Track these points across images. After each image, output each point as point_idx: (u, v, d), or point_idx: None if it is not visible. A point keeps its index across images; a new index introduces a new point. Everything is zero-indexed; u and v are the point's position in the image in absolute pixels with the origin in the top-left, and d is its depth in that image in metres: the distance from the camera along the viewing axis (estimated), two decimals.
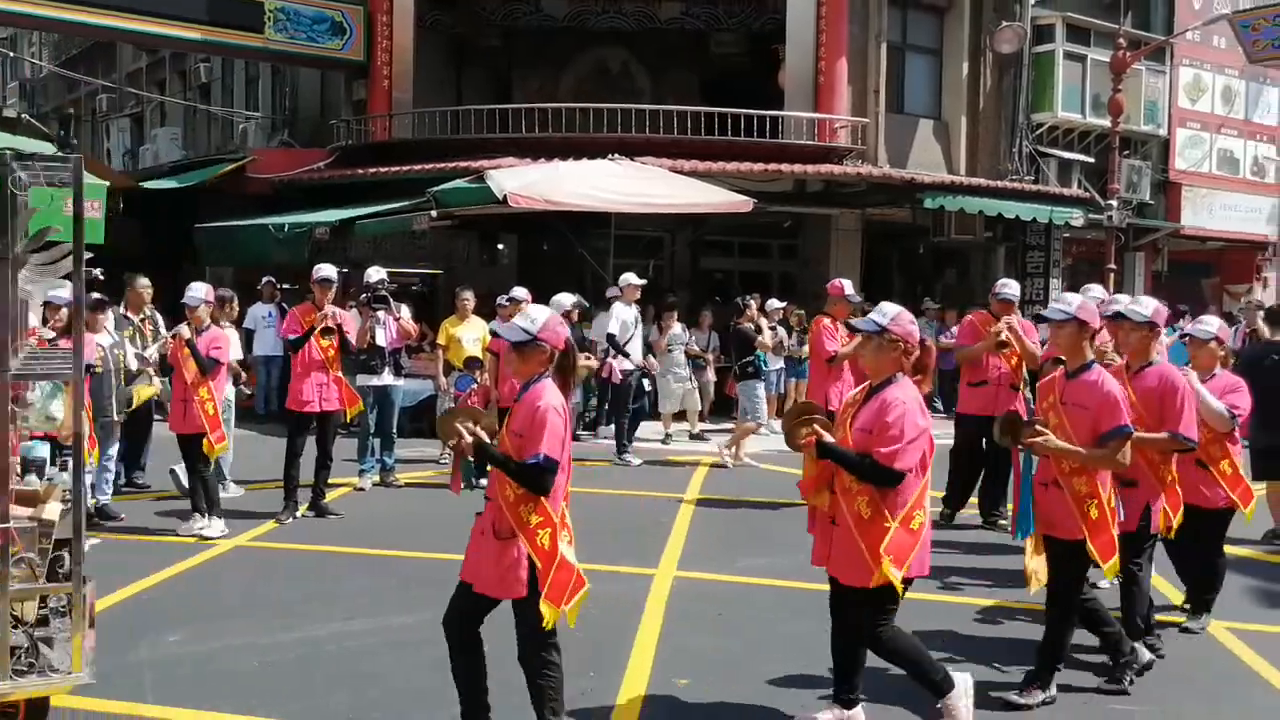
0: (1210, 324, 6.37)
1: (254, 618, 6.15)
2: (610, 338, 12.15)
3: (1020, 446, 5.02)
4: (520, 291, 10.52)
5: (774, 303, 13.99)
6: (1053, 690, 5.05)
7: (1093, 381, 4.95)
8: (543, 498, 4.17)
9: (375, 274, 10.29)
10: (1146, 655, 5.37)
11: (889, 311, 4.63)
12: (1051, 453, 4.97)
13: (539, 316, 4.32)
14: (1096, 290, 8.69)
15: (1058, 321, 5.09)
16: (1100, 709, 5.08)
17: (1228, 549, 8.28)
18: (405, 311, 10.50)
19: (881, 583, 4.40)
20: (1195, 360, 6.25)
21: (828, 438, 4.50)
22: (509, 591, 4.20)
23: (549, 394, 4.22)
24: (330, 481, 9.18)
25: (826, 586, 4.71)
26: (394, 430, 10.34)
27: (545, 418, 4.13)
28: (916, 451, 4.41)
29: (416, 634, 5.76)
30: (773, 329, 13.12)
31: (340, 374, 9.03)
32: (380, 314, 9.96)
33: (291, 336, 8.99)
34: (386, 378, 10.08)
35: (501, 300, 11.06)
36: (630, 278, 12.42)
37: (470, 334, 11.32)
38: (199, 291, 8.35)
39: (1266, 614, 6.74)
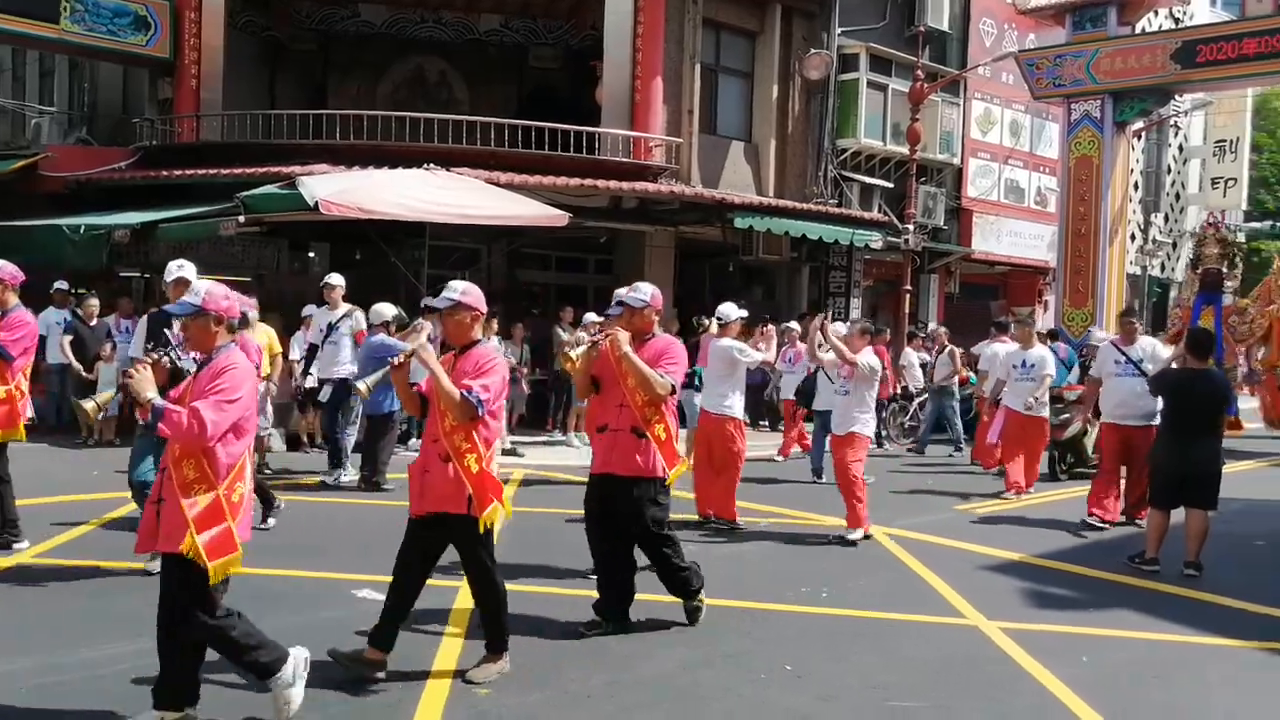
0: (643, 290, 6.55)
1: (31, 639, 5.91)
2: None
3: None
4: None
5: (590, 316, 14.22)
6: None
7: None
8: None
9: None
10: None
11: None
12: None
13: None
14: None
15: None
16: (881, 706, 5.41)
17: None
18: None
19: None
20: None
21: None
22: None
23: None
24: None
25: (647, 597, 4.84)
26: None
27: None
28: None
29: None
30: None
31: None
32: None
33: None
34: None
35: (308, 311, 10.85)
36: (330, 278, 12.04)
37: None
38: None
39: (1036, 614, 7.22)
